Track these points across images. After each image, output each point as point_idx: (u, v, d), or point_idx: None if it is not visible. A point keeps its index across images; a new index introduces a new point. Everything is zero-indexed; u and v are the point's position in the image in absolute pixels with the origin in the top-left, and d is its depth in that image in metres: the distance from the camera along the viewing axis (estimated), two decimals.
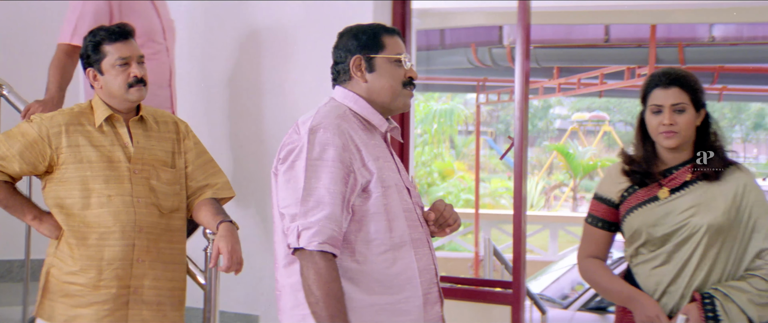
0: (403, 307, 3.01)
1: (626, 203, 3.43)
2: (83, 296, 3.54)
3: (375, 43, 3.09)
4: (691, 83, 3.32)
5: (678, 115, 3.29)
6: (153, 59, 4.44)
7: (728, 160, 3.37)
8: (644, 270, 3.39)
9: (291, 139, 3.01)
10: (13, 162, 3.54)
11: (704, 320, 3.21)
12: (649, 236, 3.36)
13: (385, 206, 3.01)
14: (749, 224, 3.30)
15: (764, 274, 3.25)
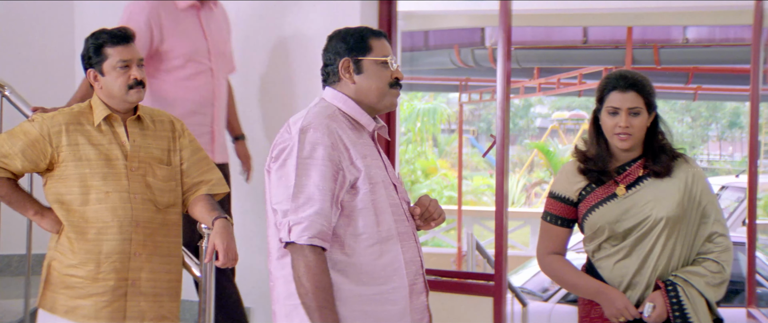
0: (389, 297, 3.05)
1: (585, 202, 3.49)
2: (83, 288, 3.57)
3: (362, 45, 3.14)
4: (647, 88, 3.40)
5: (633, 118, 3.36)
6: (195, 79, 4.54)
7: (675, 154, 3.45)
8: (608, 264, 3.45)
9: (282, 138, 3.06)
10: (16, 160, 3.56)
11: (669, 306, 3.28)
12: (611, 232, 3.42)
13: (372, 201, 3.06)
14: (699, 211, 3.40)
15: (715, 256, 3.35)
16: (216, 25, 4.61)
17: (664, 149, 3.46)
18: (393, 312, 3.07)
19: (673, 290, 3.33)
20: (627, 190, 3.44)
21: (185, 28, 4.51)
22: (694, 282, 3.33)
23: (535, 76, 12.32)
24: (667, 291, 3.33)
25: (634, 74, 3.49)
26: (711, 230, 3.42)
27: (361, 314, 3.01)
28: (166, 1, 4.53)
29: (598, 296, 3.42)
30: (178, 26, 4.49)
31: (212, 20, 4.61)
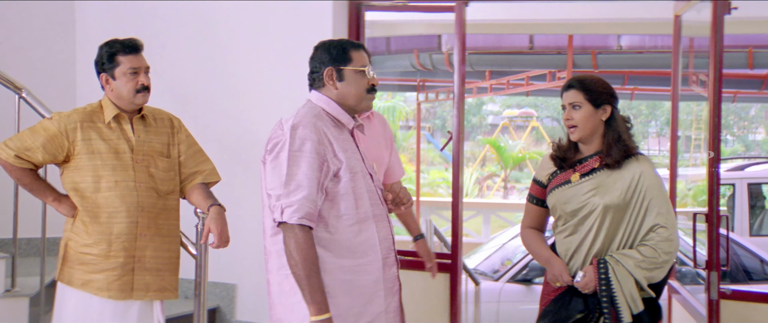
0: (366, 268, 3.25)
1: (550, 185, 3.71)
2: (96, 264, 3.70)
3: (344, 56, 3.32)
4: (587, 84, 3.59)
5: (574, 111, 3.57)
6: None
7: (629, 152, 3.58)
8: (559, 238, 3.68)
9: (276, 134, 3.22)
10: (37, 153, 3.67)
11: (597, 278, 3.49)
12: (562, 212, 3.63)
13: (352, 188, 3.25)
14: (644, 204, 3.53)
15: (653, 244, 3.48)
16: (372, 136, 4.35)
17: (618, 145, 3.60)
18: (368, 280, 3.25)
19: (604, 266, 3.50)
20: (581, 178, 3.62)
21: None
22: (625, 263, 3.48)
23: (486, 78, 12.29)
24: (598, 266, 3.51)
25: (580, 75, 3.72)
26: (654, 222, 3.53)
27: (342, 282, 3.18)
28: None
29: (546, 263, 3.68)
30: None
31: (369, 131, 4.32)
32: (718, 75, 4.51)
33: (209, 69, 5.53)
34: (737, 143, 37.04)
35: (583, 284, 3.52)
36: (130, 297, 3.74)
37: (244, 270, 5.33)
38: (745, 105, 32.48)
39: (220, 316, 5.34)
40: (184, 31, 5.57)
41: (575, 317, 3.56)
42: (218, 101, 5.40)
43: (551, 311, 3.62)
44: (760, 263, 7.64)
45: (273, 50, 5.38)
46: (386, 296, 3.31)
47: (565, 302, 3.60)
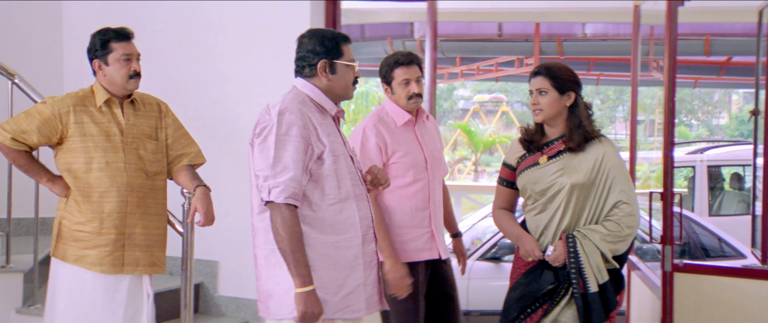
0: (347, 244, 3.35)
1: (520, 167, 3.81)
2: (89, 241, 3.78)
3: (337, 50, 3.40)
4: (554, 72, 3.71)
5: (541, 96, 3.69)
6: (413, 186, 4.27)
7: (592, 135, 3.70)
8: (529, 217, 3.79)
9: (264, 119, 3.29)
10: (33, 135, 3.72)
11: (566, 252, 3.62)
12: (531, 192, 3.74)
13: (335, 170, 3.34)
14: (607, 183, 3.66)
15: (617, 219, 3.61)
16: (429, 136, 4.36)
17: (579, 130, 3.70)
18: (349, 255, 3.35)
19: (572, 240, 3.63)
20: (548, 160, 3.73)
21: (404, 142, 4.27)
22: (591, 237, 3.61)
23: (457, 64, 12.39)
24: (566, 240, 3.64)
25: (547, 62, 3.82)
26: (617, 199, 3.65)
27: (324, 257, 3.29)
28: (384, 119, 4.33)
29: (518, 240, 3.80)
30: (398, 140, 4.26)
31: (426, 132, 4.36)
32: (672, 62, 4.64)
33: (195, 56, 5.55)
34: (701, 128, 37.27)
35: (553, 257, 3.65)
36: (121, 271, 3.82)
37: (226, 248, 5.39)
38: (709, 90, 32.72)
39: (204, 291, 5.40)
40: (170, 20, 5.58)
41: (546, 288, 3.67)
42: (203, 87, 5.43)
43: (523, 284, 3.74)
44: (718, 241, 7.79)
45: (255, 39, 5.41)
46: (365, 269, 3.41)
47: (536, 275, 3.72)
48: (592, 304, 3.61)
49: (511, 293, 3.79)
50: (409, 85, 4.15)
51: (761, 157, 5.26)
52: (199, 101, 5.23)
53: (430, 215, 4.22)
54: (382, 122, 4.21)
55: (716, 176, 10.74)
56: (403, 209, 4.17)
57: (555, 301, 3.68)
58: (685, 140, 25.56)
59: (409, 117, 4.21)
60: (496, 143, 23.91)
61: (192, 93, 5.25)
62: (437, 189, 4.31)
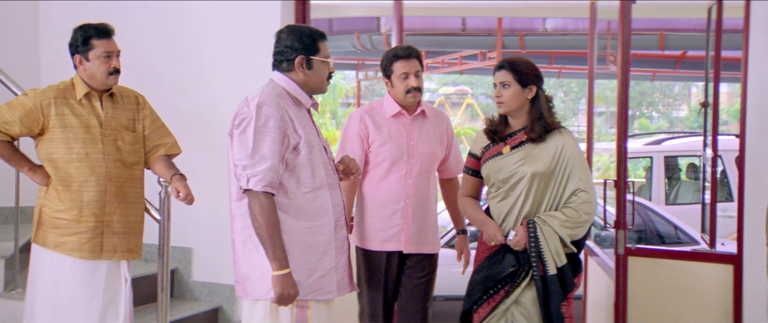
0: (320, 230, 3.45)
1: (484, 157, 3.86)
2: (69, 228, 3.83)
3: (314, 47, 3.48)
4: (516, 66, 3.77)
5: (504, 89, 3.77)
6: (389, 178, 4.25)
7: (552, 126, 3.78)
8: (493, 203, 3.86)
9: (243, 111, 3.37)
10: (15, 126, 3.76)
11: (526, 237, 3.70)
12: (495, 180, 3.81)
13: (309, 160, 3.42)
14: (566, 172, 3.74)
15: (575, 206, 3.71)
16: (424, 132, 4.27)
17: (539, 122, 3.77)
18: (322, 240, 3.44)
19: (533, 226, 3.71)
20: (511, 150, 3.79)
21: (388, 133, 4.22)
22: (551, 223, 3.70)
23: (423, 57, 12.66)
24: (527, 226, 3.72)
25: (511, 57, 3.88)
26: (575, 187, 3.73)
27: (299, 242, 3.38)
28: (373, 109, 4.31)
29: (482, 225, 3.85)
30: (381, 131, 4.22)
31: (420, 127, 4.28)
32: (625, 58, 4.79)
33: (171, 51, 5.58)
34: (662, 120, 37.53)
35: (514, 242, 3.73)
36: (100, 257, 3.87)
37: (199, 235, 5.46)
38: (669, 83, 32.96)
39: (178, 277, 5.47)
40: (147, 17, 5.59)
41: (508, 271, 3.76)
42: (179, 81, 5.47)
43: (486, 266, 3.82)
44: (674, 228, 7.91)
45: (228, 36, 5.44)
46: (337, 254, 3.51)
47: (499, 258, 3.79)
48: (551, 285, 3.70)
49: (475, 275, 3.87)
50: (408, 78, 4.13)
51: (710, 147, 5.42)
52: (174, 94, 5.27)
53: (405, 209, 4.21)
54: (370, 112, 4.22)
55: (673, 166, 10.80)
56: (376, 198, 4.21)
57: (516, 283, 3.75)
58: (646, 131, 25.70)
59: (398, 109, 4.19)
60: (461, 135, 23.85)
61: (168, 87, 5.30)
62: (421, 184, 4.26)
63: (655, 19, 9.75)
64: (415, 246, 4.22)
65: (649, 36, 10.16)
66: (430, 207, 4.30)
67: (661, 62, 12.59)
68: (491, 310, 3.78)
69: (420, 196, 4.23)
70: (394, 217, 4.20)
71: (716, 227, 5.38)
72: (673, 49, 11.09)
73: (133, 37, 5.05)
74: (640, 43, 10.60)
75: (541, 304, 3.73)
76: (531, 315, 3.76)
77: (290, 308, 3.41)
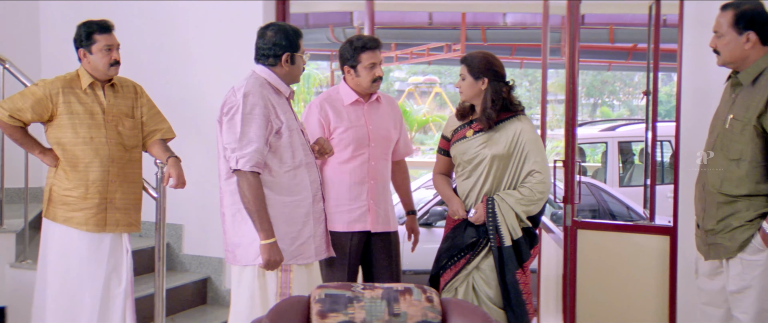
0: (299, 203, 3.65)
1: (453, 139, 4.07)
2: (76, 204, 3.99)
3: (296, 45, 3.67)
4: (469, 61, 3.98)
5: (462, 81, 4.02)
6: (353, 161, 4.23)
7: (508, 113, 3.97)
8: (459, 182, 4.07)
9: (230, 100, 3.54)
10: (27, 113, 3.92)
11: (485, 213, 3.92)
12: (460, 161, 4.02)
13: (290, 142, 3.60)
14: (523, 155, 3.94)
15: (530, 186, 3.92)
16: (379, 116, 4.28)
17: (485, 112, 3.95)
18: (301, 212, 3.65)
19: (491, 203, 3.93)
20: (474, 134, 3.98)
21: (348, 119, 4.20)
22: (507, 200, 3.91)
23: (393, 49, 12.57)
24: (486, 202, 3.93)
25: (471, 53, 4.04)
26: (531, 168, 3.94)
27: (281, 214, 3.57)
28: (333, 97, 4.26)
29: (448, 201, 4.09)
30: (342, 118, 4.20)
31: (378, 112, 4.28)
32: (573, 50, 4.99)
33: (164, 47, 5.72)
34: (623, 108, 37.53)
35: (475, 217, 3.96)
36: (104, 230, 4.04)
37: (189, 213, 5.61)
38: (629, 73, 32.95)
39: (170, 250, 5.63)
40: (142, 16, 5.71)
41: (469, 241, 3.97)
42: (171, 73, 5.61)
43: (450, 237, 4.05)
44: (626, 208, 8.11)
45: (215, 32, 5.57)
46: (315, 224, 3.69)
47: (461, 230, 4.01)
48: (505, 255, 3.92)
49: (443, 244, 4.09)
50: (374, 69, 4.13)
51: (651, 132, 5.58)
52: (164, 85, 5.29)
53: (369, 190, 4.21)
54: (328, 100, 4.21)
55: (627, 151, 10.83)
56: (341, 182, 4.19)
57: (476, 252, 3.97)
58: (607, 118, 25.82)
59: (356, 97, 4.18)
60: (429, 123, 23.81)
61: (158, 78, 5.33)
62: (381, 166, 4.27)
63: (605, 15, 9.89)
64: (381, 225, 4.25)
65: (600, 30, 10.29)
66: (388, 188, 4.34)
67: (616, 54, 12.70)
68: (454, 274, 4.01)
69: (381, 178, 4.26)
70: (360, 199, 4.20)
71: (656, 204, 5.55)
72: (622, 42, 11.22)
73: (126, 34, 4.99)
74: (592, 37, 10.74)
75: (498, 271, 3.94)
76: (489, 279, 3.97)
77: (275, 272, 3.61)
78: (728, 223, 3.52)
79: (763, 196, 3.47)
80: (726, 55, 3.54)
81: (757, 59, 3.51)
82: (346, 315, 3.12)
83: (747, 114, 3.45)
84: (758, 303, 3.47)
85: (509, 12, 10.24)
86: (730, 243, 3.51)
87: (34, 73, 5.11)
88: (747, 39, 3.49)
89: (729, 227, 3.51)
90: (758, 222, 3.45)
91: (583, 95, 29.50)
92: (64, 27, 5.27)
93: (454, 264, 4.02)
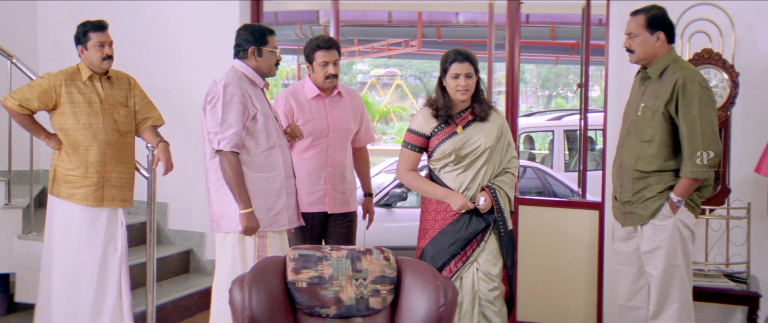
0: (274, 179, 3.86)
1: (437, 137, 3.89)
2: (77, 182, 4.16)
3: (263, 39, 3.84)
4: (474, 59, 3.87)
5: (468, 79, 3.83)
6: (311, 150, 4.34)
7: (491, 106, 3.94)
8: (451, 176, 3.91)
9: (213, 90, 3.75)
10: (34, 102, 4.08)
11: (492, 199, 3.86)
12: (456, 155, 3.85)
13: (265, 127, 3.79)
14: (506, 143, 3.96)
15: (512, 171, 3.95)
16: (340, 110, 4.34)
17: (485, 102, 3.90)
18: (275, 187, 3.85)
19: (494, 191, 3.87)
20: (463, 129, 3.85)
21: (309, 112, 4.27)
22: (503, 186, 3.90)
23: (355, 45, 12.71)
24: (491, 191, 3.87)
25: (465, 50, 3.90)
26: (511, 155, 3.95)
27: (258, 188, 3.78)
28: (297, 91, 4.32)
29: (447, 197, 3.87)
30: (304, 110, 4.27)
31: (336, 106, 4.34)
32: (512, 47, 5.23)
33: (147, 42, 5.84)
34: (576, 99, 37.69)
35: (485, 206, 3.83)
36: (102, 205, 4.22)
37: (174, 192, 5.78)
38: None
39: (157, 226, 5.79)
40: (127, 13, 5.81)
41: (480, 230, 3.83)
42: (154, 66, 5.71)
43: (451, 231, 3.87)
44: (570, 191, 8.37)
45: (198, 31, 5.72)
46: (287, 197, 3.91)
47: (465, 223, 3.86)
48: (510, 238, 3.90)
49: (441, 240, 3.88)
50: (327, 67, 4.18)
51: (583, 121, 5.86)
52: (149, 77, 5.21)
53: (327, 176, 4.30)
54: (293, 94, 4.30)
55: (573, 138, 10.93)
56: (302, 168, 4.28)
57: (483, 239, 3.88)
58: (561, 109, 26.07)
59: (317, 92, 4.26)
60: (390, 113, 23.74)
61: (144, 71, 5.23)
62: (339, 155, 4.33)
63: (549, 14, 10.12)
64: (337, 207, 4.36)
65: (543, 28, 10.52)
66: (346, 174, 4.40)
67: (563, 49, 12.95)
68: (462, 263, 3.88)
69: (338, 164, 4.32)
70: (318, 183, 4.30)
71: (587, 184, 5.93)
72: (564, 39, 11.43)
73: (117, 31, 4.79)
74: (536, 34, 10.95)
75: (504, 253, 3.91)
76: (495, 261, 3.91)
77: (253, 238, 3.82)
78: (642, 195, 3.86)
79: (670, 171, 3.85)
80: (639, 52, 3.89)
81: (663, 56, 3.90)
82: (316, 271, 3.43)
83: (656, 103, 3.82)
84: (666, 260, 3.85)
85: (461, 11, 10.38)
86: (644, 211, 3.86)
87: (32, 68, 5.14)
88: (657, 38, 3.87)
89: (643, 198, 3.86)
90: (666, 193, 3.83)
91: (538, 87, 29.74)
92: (59, 26, 5.72)
93: (461, 253, 3.88)
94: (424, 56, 17.01)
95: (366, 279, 3.49)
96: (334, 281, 3.46)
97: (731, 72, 4.47)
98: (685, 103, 3.72)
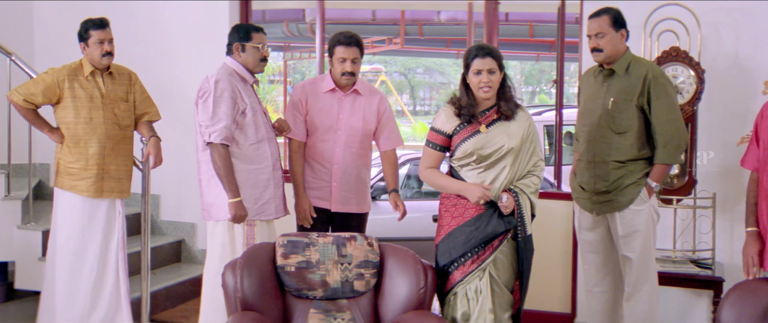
0: (262, 171, 3.93)
1: (459, 135, 3.70)
2: (78, 174, 4.22)
3: (247, 36, 3.92)
4: (498, 54, 3.65)
5: (491, 75, 3.62)
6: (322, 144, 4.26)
7: (518, 105, 3.73)
8: (473, 174, 3.72)
9: (204, 86, 3.83)
10: (38, 97, 4.13)
11: (515, 201, 3.66)
12: (479, 154, 3.66)
13: (254, 121, 3.87)
14: (531, 146, 3.74)
15: (537, 174, 3.75)
16: (355, 109, 4.23)
17: (512, 101, 3.70)
18: (263, 178, 3.94)
19: (516, 193, 3.68)
20: (487, 128, 3.68)
21: (321, 105, 4.20)
22: (525, 189, 3.70)
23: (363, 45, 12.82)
24: (513, 193, 3.68)
25: (488, 45, 3.68)
26: (537, 158, 3.74)
27: (247, 179, 3.85)
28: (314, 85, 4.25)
29: (464, 191, 3.67)
30: (316, 102, 4.20)
31: (352, 104, 4.23)
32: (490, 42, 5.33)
33: (142, 40, 5.88)
34: None
35: (507, 204, 3.62)
36: (101, 196, 4.29)
37: (166, 185, 5.85)
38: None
39: (151, 217, 5.60)
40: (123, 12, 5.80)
41: (500, 231, 3.64)
42: (148, 63, 5.63)
43: (472, 227, 3.68)
44: (550, 185, 8.14)
45: (191, 30, 5.78)
46: (274, 188, 3.99)
47: (484, 221, 3.66)
48: (529, 243, 3.72)
49: (457, 236, 3.72)
50: (344, 63, 4.08)
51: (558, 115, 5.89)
52: (147, 74, 5.07)
53: (333, 174, 4.22)
54: (311, 85, 4.22)
55: (552, 133, 10.33)
56: (311, 159, 4.25)
57: (501, 241, 3.71)
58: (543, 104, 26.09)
59: (332, 86, 4.17)
60: None
61: (142, 68, 5.07)
62: (348, 154, 4.21)
63: (527, 13, 10.23)
64: (340, 206, 4.27)
65: (521, 26, 10.60)
66: (359, 174, 4.26)
67: (543, 46, 12.96)
68: (478, 265, 3.71)
69: (346, 163, 4.20)
70: (323, 179, 4.25)
71: (562, 175, 5.99)
72: (542, 37, 11.45)
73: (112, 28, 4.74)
74: (515, 32, 11.00)
75: (519, 260, 3.73)
76: (507, 266, 3.76)
77: (242, 226, 3.91)
78: (621, 183, 3.97)
79: (644, 159, 4.02)
80: (609, 50, 3.99)
81: (625, 52, 4.06)
82: (303, 256, 3.61)
83: (628, 96, 3.96)
84: (643, 242, 3.98)
85: (443, 10, 10.44)
86: (623, 198, 3.96)
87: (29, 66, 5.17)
88: (622, 35, 4.01)
89: (622, 185, 3.97)
90: (643, 180, 3.99)
91: (522, 83, 29.82)
92: (55, 24, 5.81)
93: (476, 254, 3.70)
94: (408, 53, 16.96)
95: (351, 263, 3.67)
96: (320, 265, 3.63)
97: (697, 69, 4.58)
98: (657, 95, 3.85)
